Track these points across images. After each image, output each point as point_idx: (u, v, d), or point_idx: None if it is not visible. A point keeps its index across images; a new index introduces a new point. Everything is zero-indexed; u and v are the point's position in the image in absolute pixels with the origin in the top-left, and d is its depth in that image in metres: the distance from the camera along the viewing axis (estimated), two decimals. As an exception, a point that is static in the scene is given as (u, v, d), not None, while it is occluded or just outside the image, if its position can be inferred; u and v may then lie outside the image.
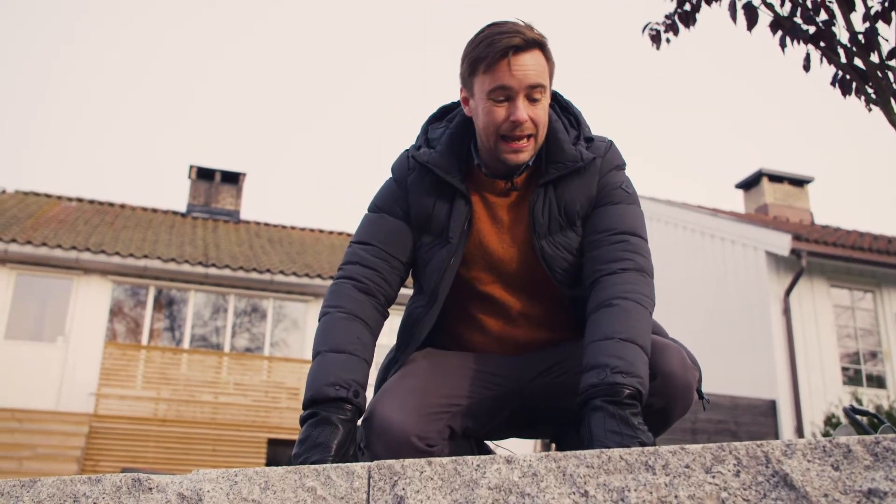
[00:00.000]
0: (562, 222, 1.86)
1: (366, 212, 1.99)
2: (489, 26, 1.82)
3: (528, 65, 1.76)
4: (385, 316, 1.91)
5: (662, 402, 1.71)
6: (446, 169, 1.87)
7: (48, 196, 18.29)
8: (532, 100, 1.78)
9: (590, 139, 1.91)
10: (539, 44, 1.78)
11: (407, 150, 1.98)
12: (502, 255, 1.90)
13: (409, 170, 1.93)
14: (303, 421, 1.70)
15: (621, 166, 1.94)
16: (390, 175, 2.00)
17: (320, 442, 1.62)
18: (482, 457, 1.30)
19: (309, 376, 1.75)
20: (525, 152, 1.80)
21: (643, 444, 1.52)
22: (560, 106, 1.94)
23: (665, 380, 1.70)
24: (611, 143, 1.94)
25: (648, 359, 1.67)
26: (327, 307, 1.86)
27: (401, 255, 1.91)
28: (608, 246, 1.83)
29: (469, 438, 1.93)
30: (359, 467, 1.34)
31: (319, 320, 1.86)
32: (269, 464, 13.72)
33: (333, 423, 1.66)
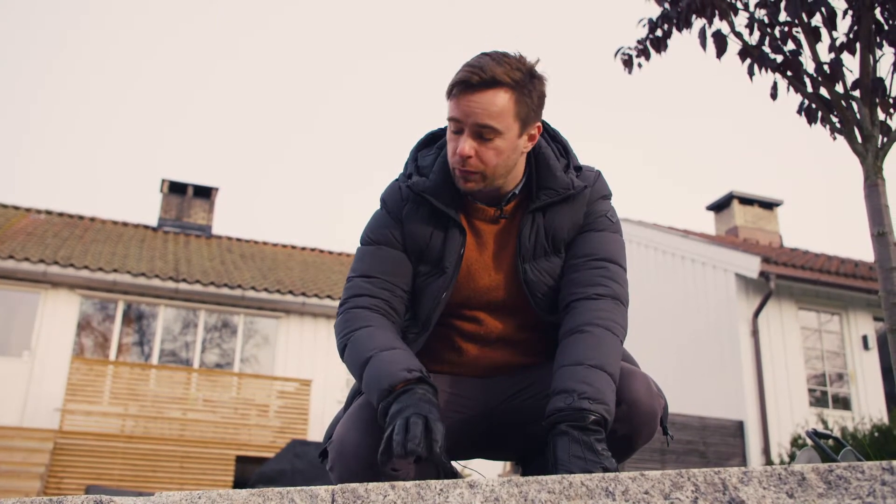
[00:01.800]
0: (547, 248, 1.88)
1: (360, 245, 1.96)
2: (475, 56, 1.81)
3: (477, 104, 1.74)
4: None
5: (627, 428, 1.72)
6: (441, 198, 1.87)
7: (16, 208, 18.10)
8: (482, 137, 1.76)
9: (578, 168, 1.93)
10: (503, 83, 1.75)
11: (397, 180, 1.97)
12: (487, 283, 1.91)
13: (403, 200, 1.92)
14: (384, 411, 1.64)
15: (608, 196, 1.97)
16: (381, 206, 1.97)
17: (425, 399, 1.61)
18: (445, 481, 1.31)
19: (370, 378, 1.70)
20: (471, 183, 1.81)
21: (606, 470, 1.53)
22: (549, 135, 1.96)
23: (630, 407, 1.71)
24: (599, 173, 1.97)
25: (616, 386, 1.69)
26: (351, 330, 1.81)
27: (403, 285, 1.89)
28: (587, 271, 1.85)
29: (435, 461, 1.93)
30: (322, 490, 1.35)
31: (345, 348, 1.81)
32: (237, 482, 13.59)
33: (421, 393, 1.63)
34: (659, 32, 4.33)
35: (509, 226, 1.91)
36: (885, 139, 3.63)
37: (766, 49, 3.94)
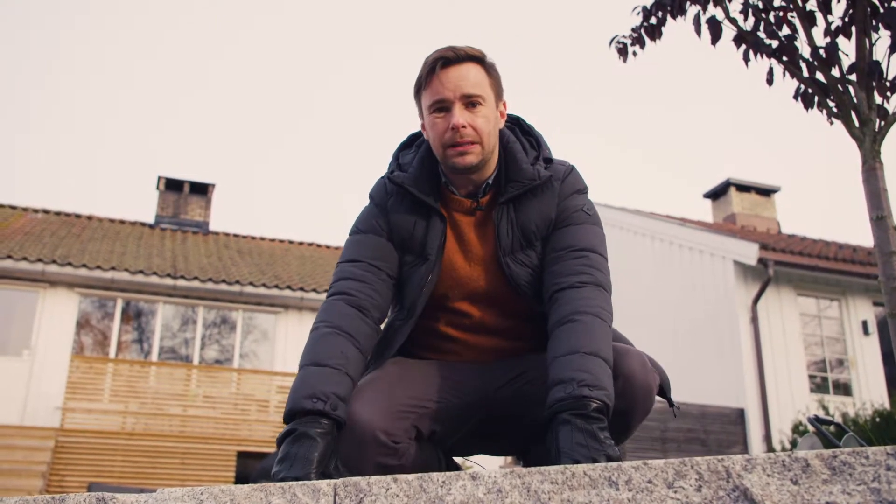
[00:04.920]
0: (522, 241, 1.94)
1: (349, 236, 2.04)
2: (435, 50, 1.94)
3: (459, 76, 1.89)
4: (377, 330, 1.94)
5: (623, 403, 1.73)
6: (421, 189, 1.95)
7: (13, 208, 18.06)
8: (471, 106, 1.89)
9: (549, 160, 1.99)
10: (474, 58, 1.91)
11: (383, 177, 2.06)
12: (469, 273, 1.97)
13: (388, 194, 2.01)
14: (280, 440, 1.70)
15: (582, 190, 2.01)
16: (369, 200, 2.06)
17: (301, 456, 1.62)
18: (447, 473, 1.30)
19: (291, 391, 1.76)
20: (471, 154, 1.89)
21: (609, 458, 1.54)
22: (522, 130, 2.04)
23: (626, 381, 1.73)
24: (572, 168, 2.03)
25: (611, 371, 1.71)
26: (317, 323, 1.89)
27: (389, 270, 1.96)
28: (568, 261, 1.89)
29: (437, 448, 1.95)
30: (325, 484, 1.34)
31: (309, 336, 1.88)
32: (238, 477, 13.60)
33: (312, 437, 1.65)
34: (653, 20, 4.31)
35: (485, 218, 1.98)
36: (883, 122, 3.62)
37: (762, 34, 3.93)
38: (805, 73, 3.85)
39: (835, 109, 3.74)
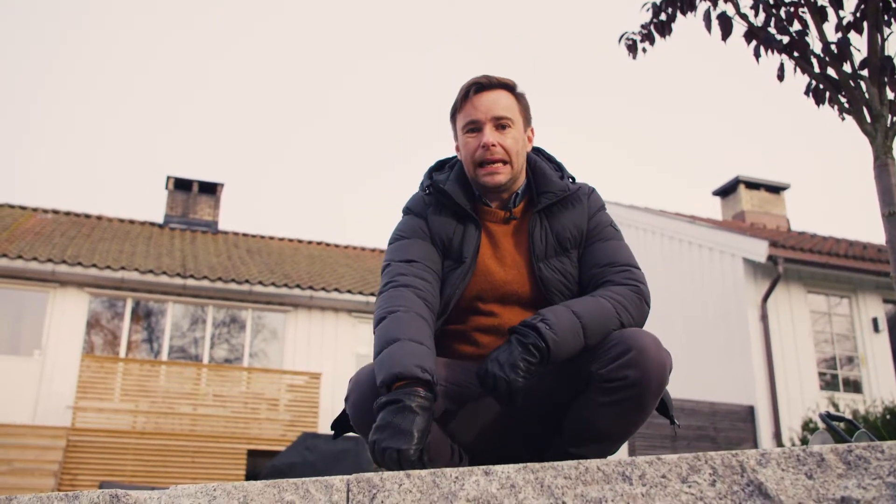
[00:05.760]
0: (557, 248, 2.07)
1: (393, 242, 2.14)
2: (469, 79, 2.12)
3: (491, 100, 2.07)
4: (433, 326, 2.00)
5: (637, 373, 1.80)
6: (458, 198, 2.09)
7: (23, 208, 18.13)
8: (501, 128, 2.06)
9: (573, 179, 2.17)
10: (505, 86, 2.10)
11: (419, 191, 2.21)
12: (503, 278, 2.07)
13: (427, 205, 2.15)
14: (380, 407, 1.72)
15: (604, 207, 2.18)
16: (405, 213, 2.19)
17: (403, 429, 1.64)
18: (461, 469, 1.30)
19: (386, 358, 1.79)
20: (500, 175, 2.05)
21: (508, 385, 1.75)
22: (544, 157, 2.22)
23: (639, 352, 1.80)
24: (593, 188, 2.20)
25: (584, 337, 1.84)
26: (393, 306, 1.92)
27: (439, 272, 2.07)
28: (614, 276, 2.02)
29: (455, 447, 1.98)
30: (337, 480, 1.34)
31: (382, 320, 1.91)
32: (248, 475, 13.63)
33: (414, 411, 1.68)
34: (663, 16, 4.30)
35: (518, 227, 2.12)
36: (895, 118, 3.61)
37: (772, 30, 3.91)
38: (816, 69, 3.83)
39: (846, 105, 3.73)
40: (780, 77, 3.94)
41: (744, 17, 3.96)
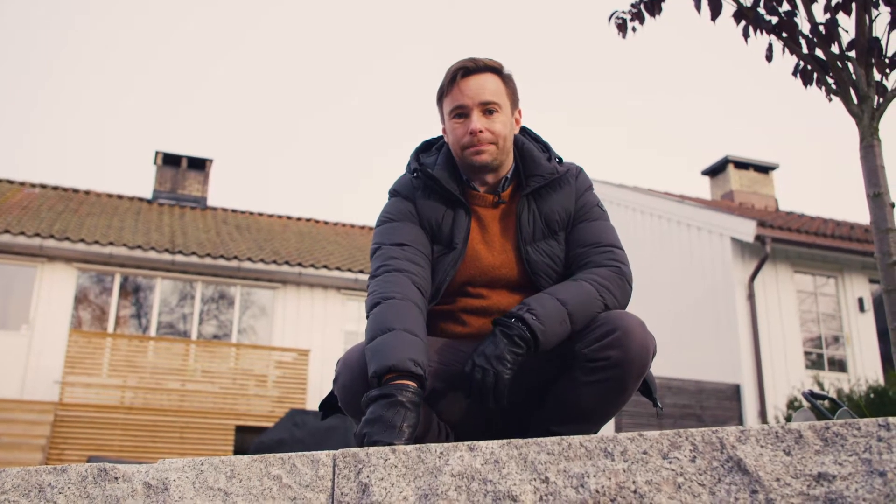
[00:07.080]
0: (545, 231, 2.07)
1: (381, 225, 2.12)
2: (456, 61, 2.10)
3: (478, 84, 2.05)
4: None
5: (621, 354, 1.81)
6: (448, 182, 2.09)
7: (10, 182, 18.02)
8: (488, 113, 2.05)
9: (560, 160, 2.16)
10: (492, 69, 2.08)
11: (406, 173, 2.19)
12: (492, 262, 2.07)
13: (415, 188, 2.14)
14: (371, 400, 1.71)
15: (591, 188, 2.19)
16: (392, 195, 2.18)
17: (394, 424, 1.64)
18: (445, 444, 1.32)
19: (380, 346, 1.78)
20: (486, 153, 2.05)
21: (497, 378, 1.76)
22: (531, 137, 2.21)
23: (623, 333, 1.82)
24: (580, 168, 2.20)
25: (570, 324, 1.85)
26: (390, 293, 1.91)
27: (429, 256, 2.06)
28: (594, 256, 2.03)
29: (438, 418, 2.00)
30: (324, 455, 1.36)
31: (376, 306, 1.90)
32: (236, 451, 13.67)
33: (406, 407, 1.68)
34: (653, -5, 4.28)
35: (507, 211, 2.11)
36: (881, 100, 3.62)
37: (761, 10, 3.91)
38: (804, 50, 3.84)
39: (834, 86, 3.74)
40: (769, 58, 3.94)
41: (733, -4, 3.95)
